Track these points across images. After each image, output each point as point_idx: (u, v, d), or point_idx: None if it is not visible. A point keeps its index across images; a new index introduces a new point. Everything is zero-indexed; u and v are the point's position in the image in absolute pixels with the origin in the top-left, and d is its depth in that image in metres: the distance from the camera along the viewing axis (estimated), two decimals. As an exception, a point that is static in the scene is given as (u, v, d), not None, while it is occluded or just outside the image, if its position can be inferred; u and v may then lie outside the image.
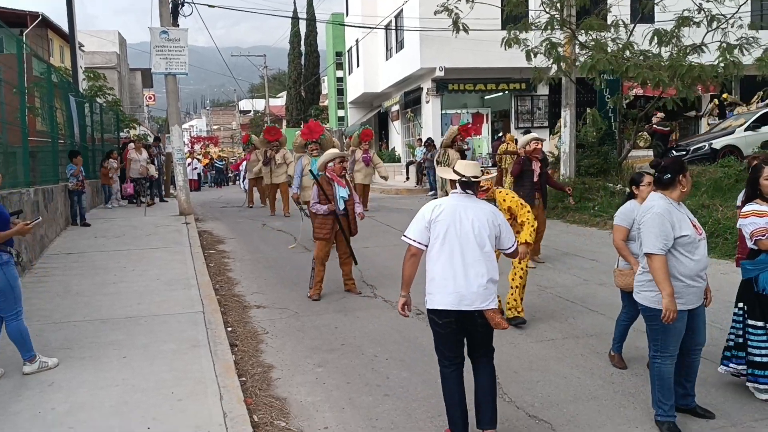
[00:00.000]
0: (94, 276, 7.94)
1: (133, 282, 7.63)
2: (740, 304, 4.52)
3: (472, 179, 3.89)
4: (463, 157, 11.90)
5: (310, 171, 8.69)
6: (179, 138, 13.79)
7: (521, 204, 5.98)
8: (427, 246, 3.81)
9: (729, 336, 4.59)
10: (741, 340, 4.46)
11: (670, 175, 4.01)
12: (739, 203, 5.44)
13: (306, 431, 4.15)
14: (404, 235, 3.89)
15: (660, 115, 16.79)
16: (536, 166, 8.61)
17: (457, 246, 3.74)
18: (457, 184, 3.93)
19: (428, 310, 3.84)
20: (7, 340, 5.52)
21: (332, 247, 7.46)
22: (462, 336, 3.87)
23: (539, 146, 8.61)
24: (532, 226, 5.86)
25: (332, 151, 7.50)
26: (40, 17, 26.09)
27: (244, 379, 4.94)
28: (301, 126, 16.06)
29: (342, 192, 7.15)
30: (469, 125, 12.57)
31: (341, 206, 7.13)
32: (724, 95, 18.96)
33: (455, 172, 3.93)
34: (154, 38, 12.77)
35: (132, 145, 16.66)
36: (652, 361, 4.10)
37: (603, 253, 9.25)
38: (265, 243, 11.02)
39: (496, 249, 3.91)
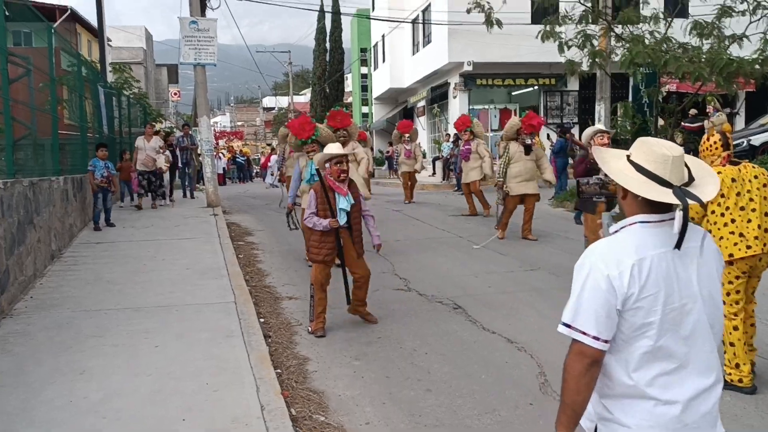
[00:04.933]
0: (124, 265, 7.85)
1: (164, 271, 7.52)
2: None
3: (682, 191, 1.92)
4: (527, 152, 10.00)
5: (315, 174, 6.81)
6: (208, 129, 13.72)
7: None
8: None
9: None
10: None
11: None
12: None
13: (346, 426, 3.97)
14: (568, 325, 1.94)
15: (693, 111, 16.36)
16: None
17: (679, 337, 1.94)
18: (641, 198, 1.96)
19: None
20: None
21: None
22: None
23: (606, 140, 7.39)
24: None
25: (330, 147, 5.78)
26: (69, 11, 26.26)
27: (279, 371, 4.77)
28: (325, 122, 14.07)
29: (342, 202, 5.58)
30: (530, 118, 10.19)
31: (342, 220, 5.60)
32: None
33: (642, 171, 1.96)
34: (183, 28, 12.69)
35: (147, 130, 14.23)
36: None
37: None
38: (293, 236, 10.77)
39: None
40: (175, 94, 53.02)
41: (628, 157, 2.04)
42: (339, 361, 5.04)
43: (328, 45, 48.04)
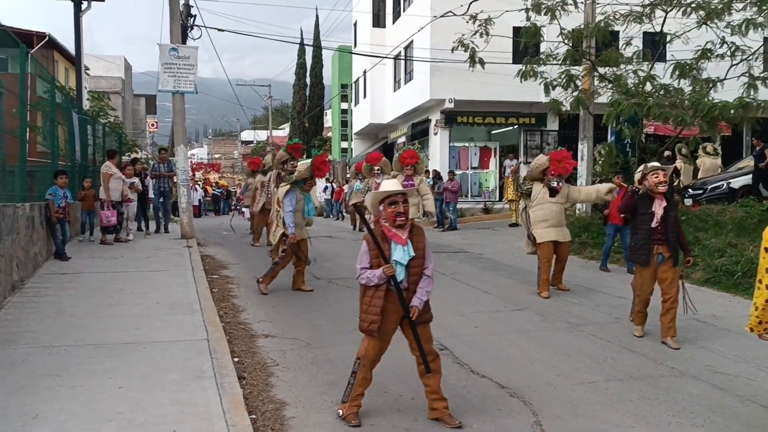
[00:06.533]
0: (89, 297, 7.40)
1: (132, 305, 7.08)
2: None
3: None
4: (553, 194, 8.58)
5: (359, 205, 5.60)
6: (184, 159, 13.34)
7: None
8: None
9: None
10: None
11: None
12: None
13: (328, 481, 3.59)
14: None
15: (667, 153, 16.47)
16: (659, 207, 6.22)
17: None
18: None
19: None
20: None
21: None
22: None
23: (663, 178, 6.20)
24: None
25: (385, 184, 4.45)
26: (47, 38, 25.90)
27: (254, 416, 4.38)
28: (303, 157, 12.43)
29: (399, 253, 4.22)
30: (562, 158, 8.49)
31: (399, 277, 4.22)
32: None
33: None
34: (163, 55, 12.42)
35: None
36: None
37: (628, 290, 8.73)
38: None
39: None
40: (153, 124, 52.57)
41: None
42: (319, 406, 4.67)
43: (308, 80, 48.23)
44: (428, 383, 4.38)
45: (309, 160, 8.48)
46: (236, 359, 5.57)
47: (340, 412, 4.37)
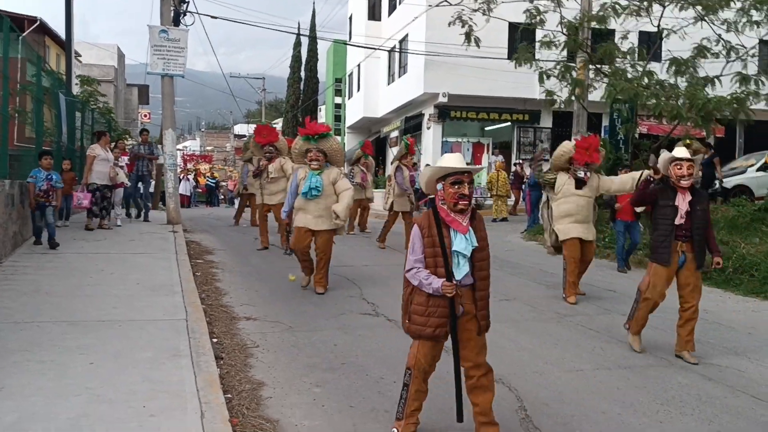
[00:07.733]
0: (69, 277, 7.21)
1: (112, 285, 6.91)
2: None
3: None
4: (580, 186, 7.50)
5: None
6: (172, 143, 13.10)
7: None
8: None
9: None
10: None
11: None
12: None
13: (302, 461, 3.45)
14: None
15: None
16: (682, 201, 5.39)
17: None
18: None
19: None
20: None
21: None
22: None
23: (686, 171, 5.33)
24: None
25: (446, 159, 3.63)
26: (38, 22, 25.56)
27: (230, 395, 4.23)
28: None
29: (460, 243, 3.50)
30: (589, 145, 7.42)
31: (461, 273, 3.51)
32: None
33: None
34: (153, 37, 12.20)
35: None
36: None
37: (619, 284, 8.68)
38: (256, 255, 10.33)
39: None
40: (146, 115, 52.11)
41: None
42: (297, 387, 4.52)
43: (302, 74, 47.97)
44: (477, 402, 3.68)
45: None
46: (215, 340, 5.41)
47: (395, 430, 3.76)
